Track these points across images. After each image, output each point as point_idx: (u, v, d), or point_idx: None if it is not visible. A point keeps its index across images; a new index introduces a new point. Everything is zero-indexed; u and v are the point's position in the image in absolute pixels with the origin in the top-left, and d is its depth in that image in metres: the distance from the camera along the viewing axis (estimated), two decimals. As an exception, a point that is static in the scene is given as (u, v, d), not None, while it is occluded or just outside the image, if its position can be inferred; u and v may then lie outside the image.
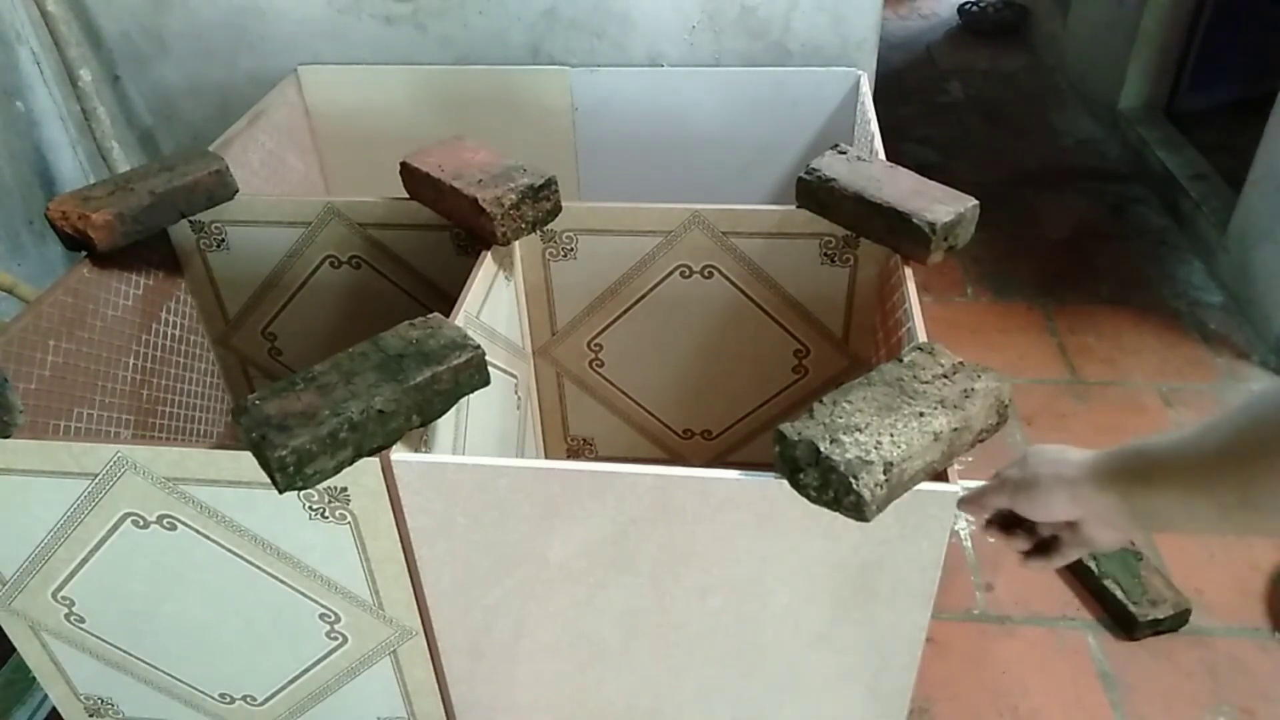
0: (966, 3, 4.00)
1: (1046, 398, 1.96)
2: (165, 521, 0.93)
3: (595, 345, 1.39)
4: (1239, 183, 2.22)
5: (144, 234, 1.20)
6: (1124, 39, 2.87)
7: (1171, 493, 0.64)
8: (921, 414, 0.79)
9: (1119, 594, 1.48)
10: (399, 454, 0.85)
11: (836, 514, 0.76)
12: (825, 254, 1.25)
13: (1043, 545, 0.82)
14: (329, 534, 0.91)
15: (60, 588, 1.00)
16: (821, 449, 0.75)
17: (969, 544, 1.63)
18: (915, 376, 0.84)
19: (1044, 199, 2.71)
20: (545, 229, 1.23)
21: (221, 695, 1.11)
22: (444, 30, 1.67)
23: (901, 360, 0.87)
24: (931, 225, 1.05)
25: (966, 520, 1.67)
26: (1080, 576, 1.56)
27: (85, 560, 0.97)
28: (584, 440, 1.52)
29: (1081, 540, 0.75)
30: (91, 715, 1.16)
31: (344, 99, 1.73)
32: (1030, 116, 3.23)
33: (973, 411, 0.81)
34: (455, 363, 0.87)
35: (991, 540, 0.87)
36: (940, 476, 0.80)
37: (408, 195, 1.26)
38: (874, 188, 1.12)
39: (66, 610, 1.02)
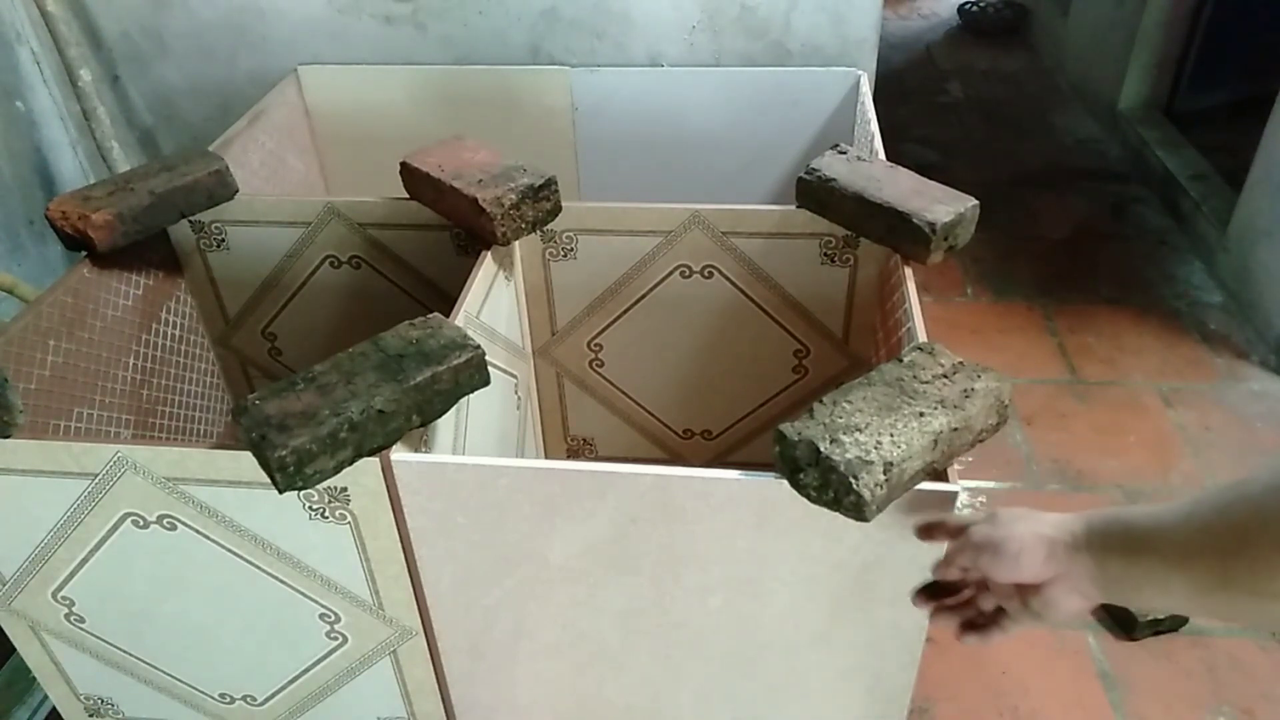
0: (966, 3, 4.00)
1: (1046, 398, 1.96)
2: (165, 521, 0.93)
3: (595, 345, 1.39)
4: (1239, 183, 2.22)
5: (144, 234, 1.20)
6: (1124, 39, 2.87)
7: (1148, 566, 0.62)
8: (921, 414, 0.79)
9: (1119, 594, 1.48)
10: (399, 454, 0.85)
11: (836, 514, 0.76)
12: (825, 254, 1.25)
13: (978, 619, 0.77)
14: (329, 534, 0.91)
15: (60, 588, 1.00)
16: (821, 449, 0.75)
17: (969, 544, 1.63)
18: (915, 376, 0.84)
19: (1044, 199, 2.71)
20: (545, 229, 1.23)
21: (221, 695, 1.11)
22: (444, 30, 1.67)
23: (901, 360, 0.87)
24: (931, 225, 1.05)
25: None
26: (1080, 576, 1.56)
27: (85, 560, 0.97)
28: (584, 440, 1.52)
29: (1039, 605, 0.69)
30: (91, 715, 1.16)
31: (344, 99, 1.73)
32: (1030, 117, 3.23)
33: (973, 411, 0.81)
34: (455, 363, 0.87)
35: (920, 610, 0.82)
36: (940, 476, 0.80)
37: (408, 195, 1.26)
38: (874, 188, 1.12)
39: (66, 610, 1.02)
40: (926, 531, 0.79)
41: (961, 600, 0.78)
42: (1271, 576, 0.54)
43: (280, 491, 0.79)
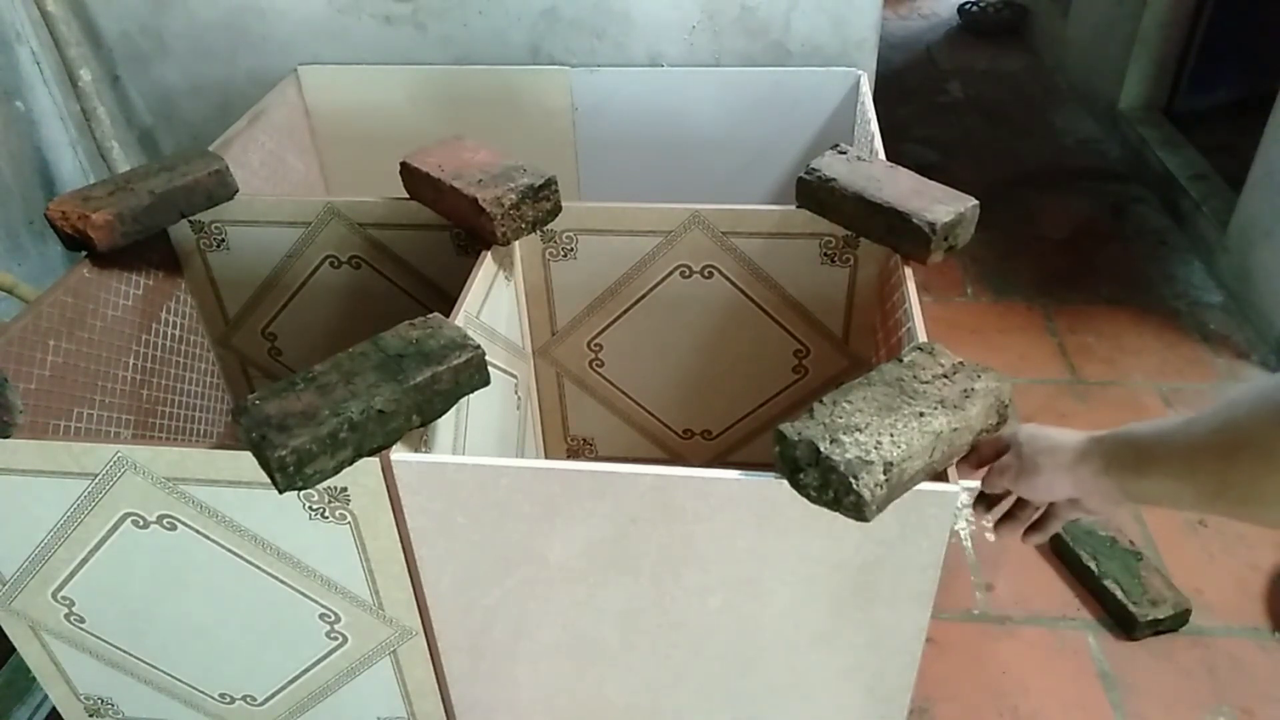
0: (966, 3, 4.00)
1: (1046, 398, 1.96)
2: (165, 521, 0.93)
3: (595, 345, 1.39)
4: (1239, 183, 2.22)
5: (144, 234, 1.20)
6: (1124, 39, 2.87)
7: (1158, 479, 0.70)
8: (921, 414, 0.79)
9: (1119, 594, 1.48)
10: (399, 454, 0.85)
11: (836, 514, 0.76)
12: (825, 254, 1.25)
13: (1032, 519, 0.89)
14: (329, 534, 0.91)
15: (60, 588, 1.00)
16: (821, 449, 0.75)
17: (969, 544, 1.63)
18: (915, 376, 0.84)
19: (1044, 199, 2.71)
20: (545, 229, 1.23)
21: (221, 695, 1.11)
22: (444, 30, 1.67)
23: (901, 360, 0.87)
24: (931, 225, 1.05)
25: (966, 520, 1.67)
26: (1080, 576, 1.56)
27: (85, 560, 0.97)
28: (584, 440, 1.52)
29: (1078, 509, 0.83)
30: (91, 715, 1.16)
31: (344, 99, 1.73)
32: (1030, 116, 3.23)
33: (973, 411, 0.81)
34: (455, 363, 0.87)
35: (986, 523, 0.94)
36: (940, 476, 0.80)
37: (408, 195, 1.26)
38: (874, 188, 1.12)
39: (66, 610, 1.02)
40: (974, 463, 0.87)
41: (1014, 504, 0.89)
42: (1259, 484, 0.61)
43: (280, 491, 0.79)
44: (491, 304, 1.17)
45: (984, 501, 0.91)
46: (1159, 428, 0.71)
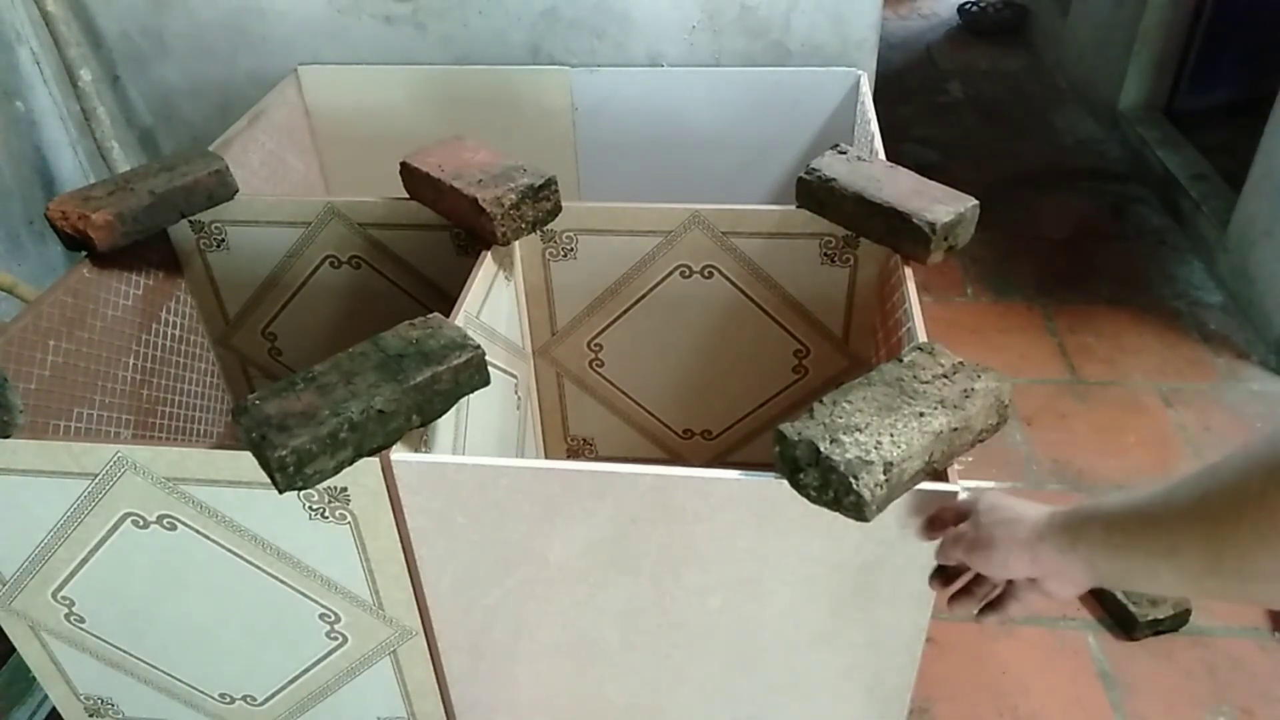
0: (966, 3, 4.00)
1: (1046, 398, 1.96)
2: (165, 521, 0.93)
3: (595, 345, 1.39)
4: (1239, 183, 2.22)
5: (144, 234, 1.20)
6: (1124, 39, 2.87)
7: (1135, 559, 0.62)
8: (921, 414, 0.79)
9: (1119, 594, 1.48)
10: (399, 454, 0.85)
11: (836, 514, 0.76)
12: (825, 254, 1.25)
13: (993, 596, 0.80)
14: (329, 534, 0.91)
15: (60, 588, 1.00)
16: (821, 449, 0.75)
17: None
18: (915, 376, 0.84)
19: (1044, 199, 2.71)
20: (545, 229, 1.23)
21: (221, 695, 1.11)
22: (444, 30, 1.67)
23: (901, 360, 0.87)
24: (931, 225, 1.05)
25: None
26: (1080, 576, 1.56)
27: (85, 560, 0.97)
28: (584, 440, 1.52)
29: (1040, 592, 0.72)
30: (91, 715, 1.16)
31: (344, 99, 1.73)
32: (1030, 116, 3.23)
33: (973, 411, 0.81)
34: (455, 363, 0.87)
35: (936, 592, 0.85)
36: (940, 476, 0.80)
37: (408, 195, 1.26)
38: (874, 188, 1.12)
39: (66, 610, 1.02)
40: (931, 529, 0.81)
41: (972, 578, 0.80)
42: (1256, 558, 0.54)
43: (280, 491, 0.79)
44: (491, 304, 1.17)
45: (941, 574, 0.83)
46: (1131, 500, 0.63)
